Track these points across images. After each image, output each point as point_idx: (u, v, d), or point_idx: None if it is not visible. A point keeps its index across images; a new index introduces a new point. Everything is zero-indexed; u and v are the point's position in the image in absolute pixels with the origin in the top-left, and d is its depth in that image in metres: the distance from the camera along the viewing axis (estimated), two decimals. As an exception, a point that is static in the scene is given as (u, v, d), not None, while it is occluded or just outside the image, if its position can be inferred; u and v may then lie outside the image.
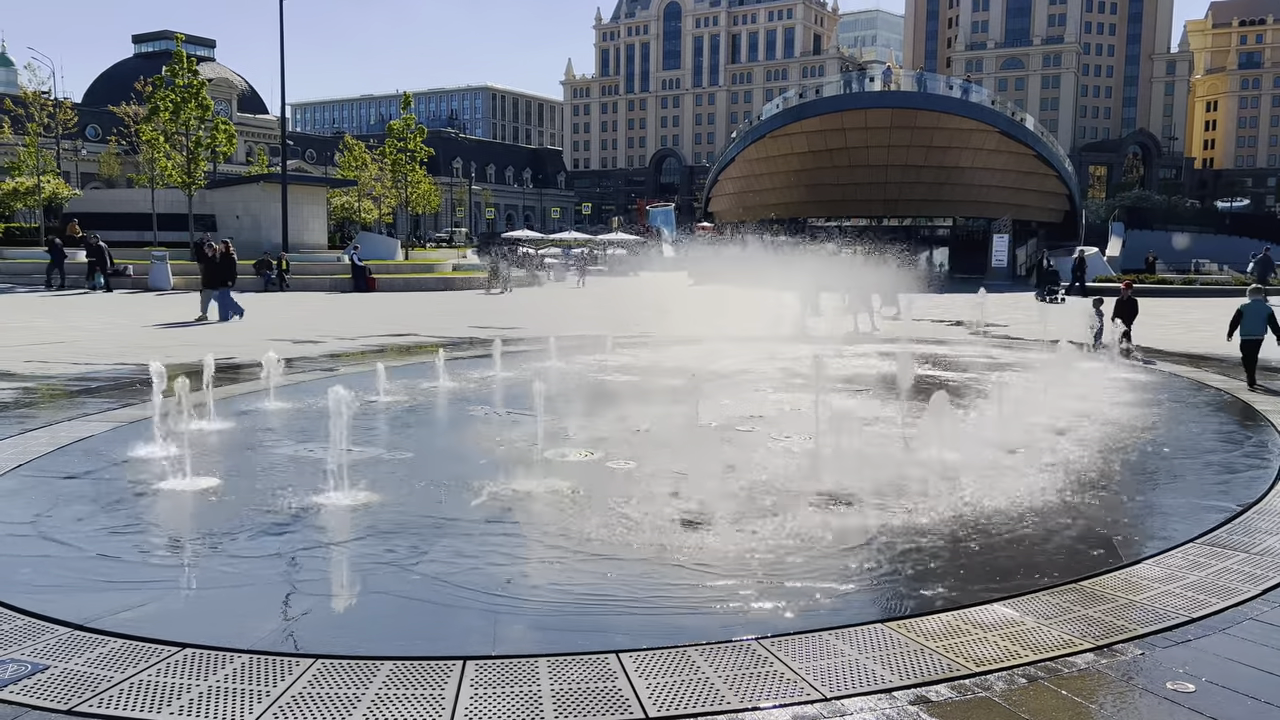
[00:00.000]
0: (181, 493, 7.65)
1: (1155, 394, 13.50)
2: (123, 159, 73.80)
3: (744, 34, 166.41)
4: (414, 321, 24.27)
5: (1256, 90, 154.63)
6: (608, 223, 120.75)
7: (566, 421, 10.38)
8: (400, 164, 64.58)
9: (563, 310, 30.37)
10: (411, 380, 13.98)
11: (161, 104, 43.20)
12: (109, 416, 10.67)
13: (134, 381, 13.28)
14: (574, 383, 14.07)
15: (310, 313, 26.94)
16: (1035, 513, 7.28)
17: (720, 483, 7.90)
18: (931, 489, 7.81)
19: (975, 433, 10.22)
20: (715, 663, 4.61)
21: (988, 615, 5.23)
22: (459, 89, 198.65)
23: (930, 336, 21.47)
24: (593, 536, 6.53)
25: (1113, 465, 9.05)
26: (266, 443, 9.64)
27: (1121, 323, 18.19)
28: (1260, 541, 6.52)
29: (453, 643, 4.95)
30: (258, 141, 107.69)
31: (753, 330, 19.64)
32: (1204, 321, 25.80)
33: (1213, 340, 20.23)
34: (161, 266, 35.29)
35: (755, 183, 58.05)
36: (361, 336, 20.13)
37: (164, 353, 16.55)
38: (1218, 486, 8.31)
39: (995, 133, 51.60)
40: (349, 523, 6.96)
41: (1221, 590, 5.57)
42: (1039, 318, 22.76)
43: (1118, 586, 5.68)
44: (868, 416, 11.05)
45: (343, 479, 7.46)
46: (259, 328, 21.76)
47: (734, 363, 15.92)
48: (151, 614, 5.26)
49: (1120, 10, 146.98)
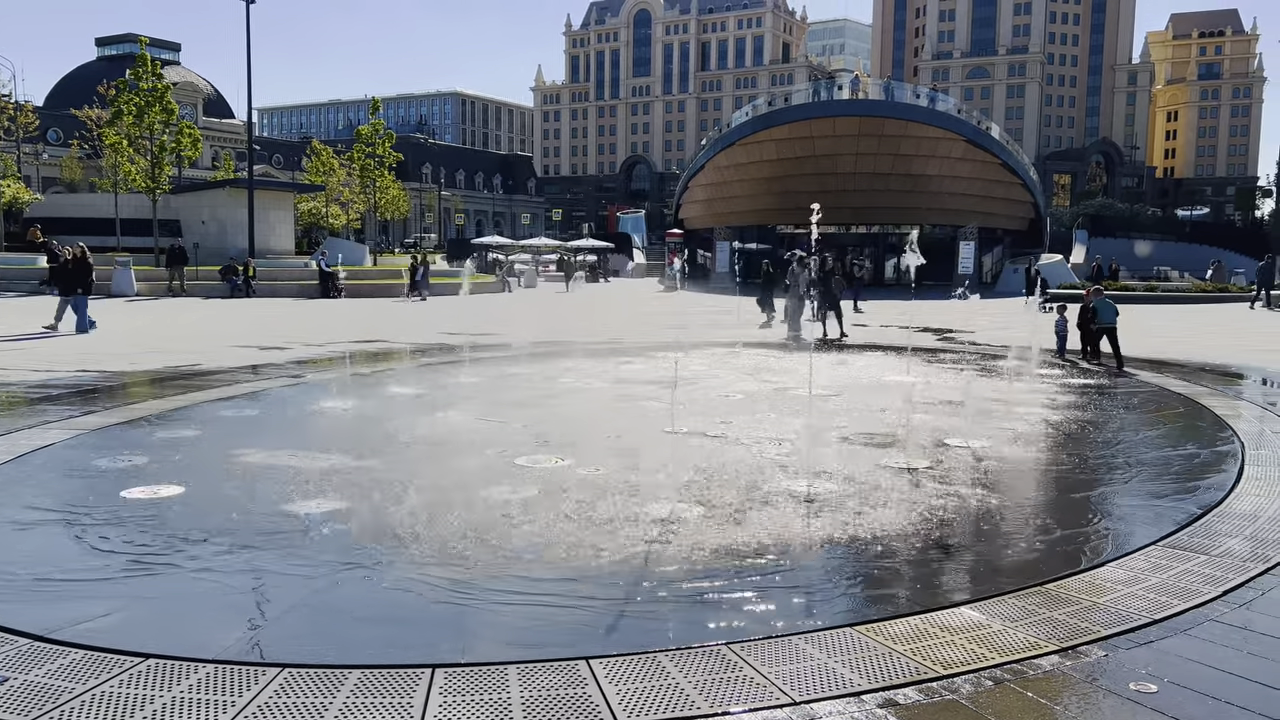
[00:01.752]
0: (145, 501, 7.54)
1: (1117, 399, 13.69)
2: (85, 163, 72.88)
3: (714, 42, 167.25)
4: (383, 328, 24.12)
5: (1216, 101, 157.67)
6: (578, 229, 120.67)
7: (535, 428, 10.36)
8: (368, 169, 64.27)
9: (535, 315, 30.32)
10: (381, 386, 13.90)
11: (125, 107, 42.72)
12: (69, 424, 10.50)
13: (96, 389, 13.08)
14: (542, 390, 14.04)
15: (277, 319, 26.69)
16: (1000, 515, 7.37)
17: (691, 489, 7.92)
18: (895, 492, 7.87)
19: (935, 436, 10.31)
20: (685, 668, 4.62)
21: (955, 618, 5.27)
22: (428, 94, 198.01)
23: (903, 342, 21.67)
24: (560, 541, 6.52)
25: (1075, 469, 9.17)
26: (233, 450, 9.53)
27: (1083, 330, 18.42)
28: (1220, 544, 6.63)
29: (421, 650, 4.91)
30: (224, 146, 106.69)
31: (719, 336, 19.72)
32: (1165, 328, 26.25)
33: (1174, 346, 20.59)
34: (125, 272, 34.87)
35: (725, 190, 58.26)
36: (329, 343, 19.98)
37: (128, 359, 16.35)
38: (1179, 490, 8.44)
39: (961, 141, 52.16)
40: (315, 530, 6.90)
41: (1183, 592, 5.66)
42: (1003, 324, 23.04)
43: (1082, 589, 5.75)
44: (830, 420, 11.13)
45: (308, 486, 7.39)
46: (226, 334, 21.54)
47: (698, 370, 15.95)
48: (114, 624, 5.19)
49: (1083, 21, 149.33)
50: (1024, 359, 16.78)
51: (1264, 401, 13.51)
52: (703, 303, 37.56)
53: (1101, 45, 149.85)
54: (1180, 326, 26.98)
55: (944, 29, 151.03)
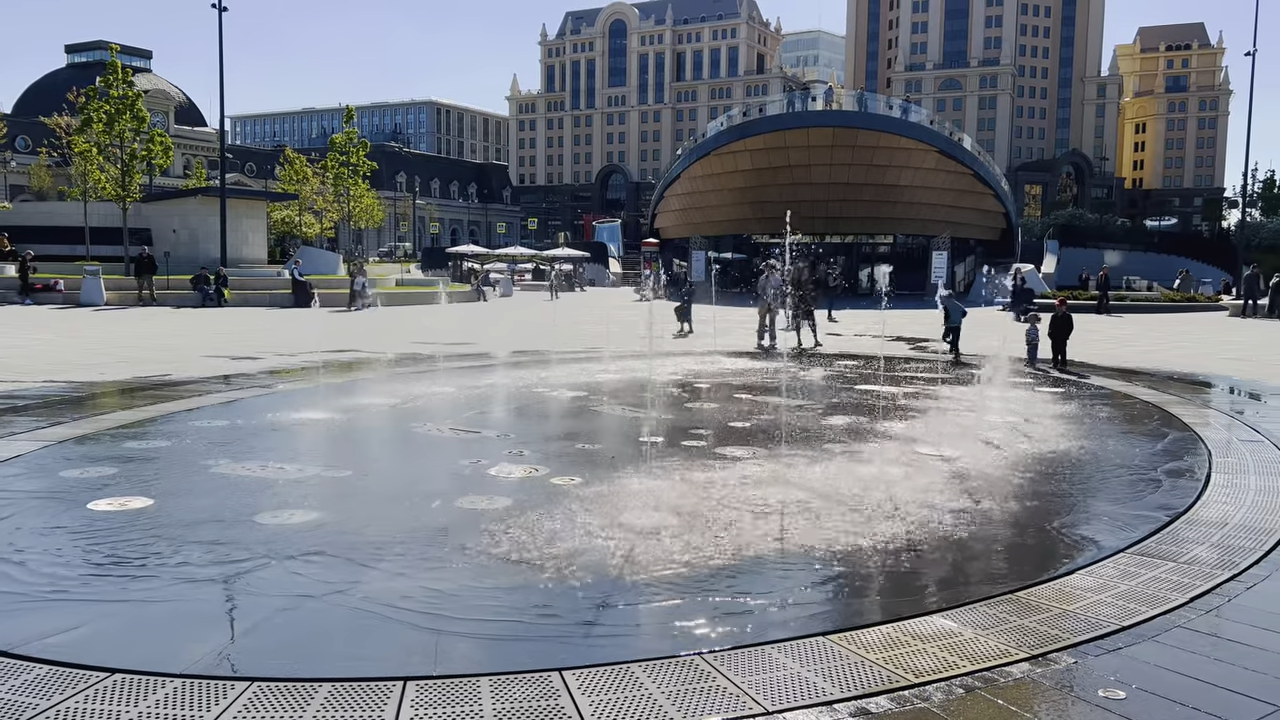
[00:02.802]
0: (113, 513, 7.45)
1: (1087, 407, 13.83)
2: (54, 171, 72.04)
3: (689, 52, 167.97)
4: (356, 337, 23.97)
5: (1183, 113, 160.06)
6: (554, 238, 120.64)
7: (509, 436, 10.32)
8: (342, 178, 63.92)
9: (509, 324, 30.22)
10: (352, 397, 13.82)
11: (95, 115, 42.25)
12: (36, 435, 10.36)
13: (62, 400, 12.91)
14: (512, 398, 14.01)
15: (249, 328, 26.47)
16: (970, 522, 7.42)
17: (667, 497, 7.92)
18: (869, 500, 7.90)
19: (908, 448, 10.38)
20: (659, 679, 4.61)
21: (927, 626, 5.30)
22: (403, 103, 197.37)
23: (874, 351, 21.79)
24: (534, 550, 6.49)
25: (1045, 476, 9.25)
26: (203, 461, 9.43)
27: (1055, 339, 18.63)
28: (1188, 550, 6.71)
29: (393, 663, 4.88)
30: (196, 154, 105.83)
31: (693, 345, 19.76)
32: (1135, 336, 26.56)
33: (1143, 355, 20.84)
34: (94, 281, 34.44)
35: (700, 199, 58.48)
36: (302, 352, 19.82)
37: (97, 369, 16.15)
38: (1147, 497, 8.53)
39: (934, 152, 52.63)
40: (286, 541, 6.83)
41: (1151, 599, 5.72)
42: (974, 333, 23.21)
43: (1052, 596, 5.80)
44: (811, 424, 11.17)
45: (279, 497, 7.33)
46: (196, 344, 21.34)
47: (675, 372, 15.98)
48: (80, 638, 5.11)
49: (1053, 34, 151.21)
50: (995, 368, 16.92)
51: (1231, 410, 13.70)
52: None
53: (1071, 58, 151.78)
54: (1150, 336, 27.32)
55: (916, 40, 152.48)
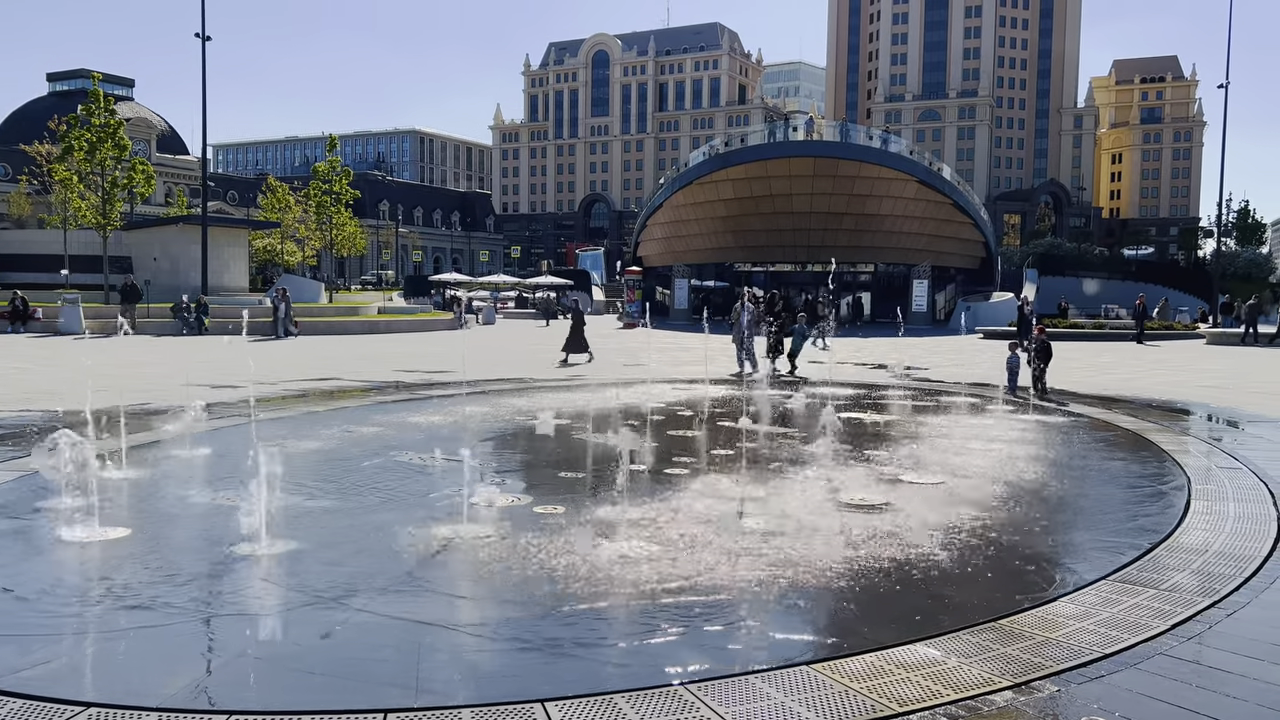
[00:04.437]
0: (90, 544, 7.36)
1: (1068, 435, 13.91)
2: (34, 199, 71.67)
3: (671, 83, 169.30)
4: (337, 365, 23.86)
5: (1158, 144, 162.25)
6: (537, 266, 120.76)
7: (491, 465, 10.28)
8: (325, 206, 63.91)
9: (492, 352, 30.17)
10: (333, 426, 13.74)
11: (76, 143, 42.20)
12: (12, 465, 10.24)
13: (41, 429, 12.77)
14: (493, 426, 13.97)
15: (229, 357, 26.31)
16: (951, 550, 7.42)
17: (648, 527, 7.90)
18: (853, 525, 7.90)
19: (889, 472, 10.41)
20: (642, 710, 4.58)
21: (910, 655, 5.29)
22: (386, 132, 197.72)
23: (858, 378, 21.87)
24: (517, 578, 6.45)
25: (1025, 504, 9.27)
26: (181, 491, 9.34)
27: (1035, 366, 18.74)
28: (1168, 578, 6.74)
29: (373, 695, 4.82)
30: (178, 182, 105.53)
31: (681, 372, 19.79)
32: (1113, 365, 26.78)
33: (1122, 383, 21.01)
34: (73, 310, 34.20)
35: (683, 228, 58.75)
36: (282, 381, 19.71)
37: (73, 398, 15.99)
38: (1128, 524, 8.57)
39: (914, 182, 53.13)
40: (265, 573, 6.76)
41: (1133, 626, 5.74)
42: (956, 360, 23.38)
43: (1035, 624, 5.80)
44: (793, 454, 11.18)
45: (258, 527, 7.26)
46: (176, 373, 21.19)
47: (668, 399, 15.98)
48: (55, 671, 5.03)
49: (1030, 66, 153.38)
50: (976, 395, 17.03)
51: (1209, 437, 13.82)
52: (662, 339, 37.66)
53: (1048, 89, 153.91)
54: (1128, 363, 27.55)
55: (896, 72, 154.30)
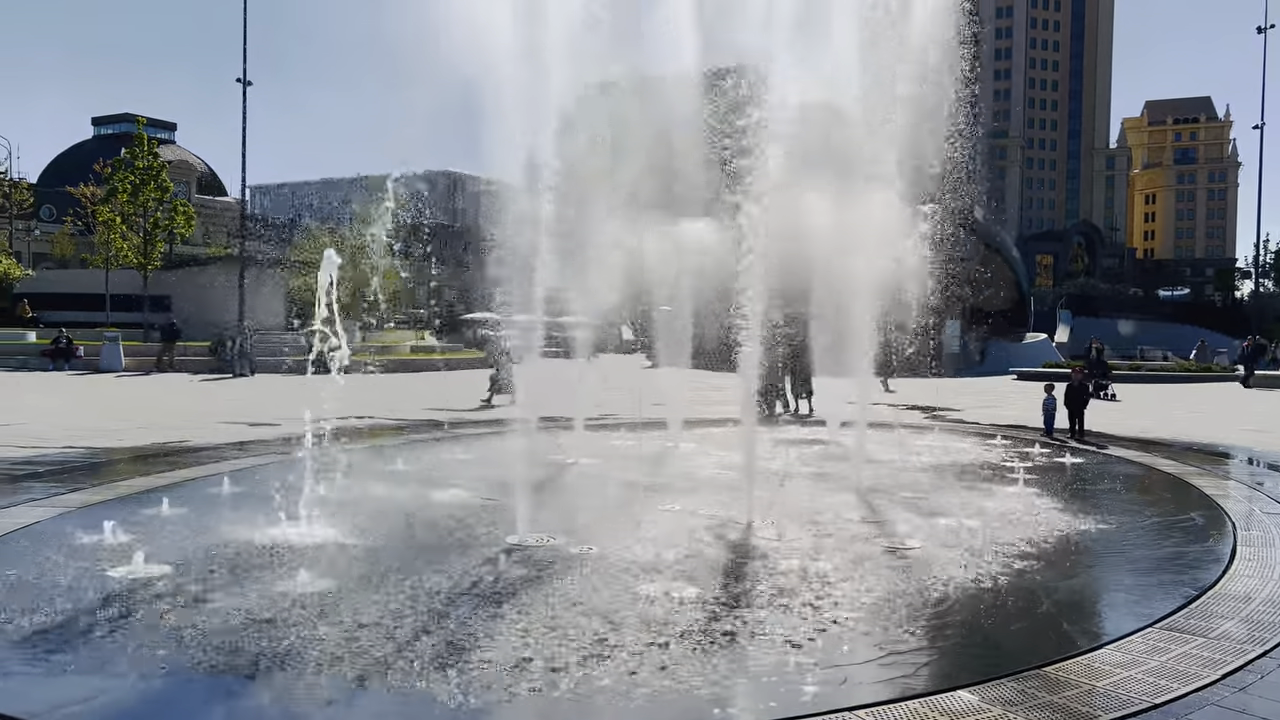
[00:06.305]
0: (131, 580, 7.43)
1: (1108, 479, 13.71)
2: (77, 239, 73.21)
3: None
4: (371, 404, 24.04)
5: (1192, 185, 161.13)
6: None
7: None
8: (362, 249, 64.76)
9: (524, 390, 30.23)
10: (370, 463, 13.83)
11: (120, 185, 43.17)
12: (57, 501, 10.39)
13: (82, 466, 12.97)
14: (528, 467, 13.99)
15: (267, 394, 26.62)
16: (994, 596, 7.32)
17: (678, 565, 7.88)
18: (885, 566, 7.82)
19: (930, 518, 10.30)
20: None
21: (953, 702, 5.21)
22: (422, 173, 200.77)
23: (890, 419, 21.71)
24: (546, 619, 6.45)
25: (1068, 549, 9.13)
26: (220, 528, 9.43)
27: (1071, 409, 18.53)
28: (1217, 625, 6.60)
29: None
30: (216, 224, 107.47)
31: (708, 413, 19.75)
32: (1150, 408, 26.40)
33: (1161, 425, 20.70)
34: (113, 348, 34.80)
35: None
36: (319, 419, 19.86)
37: (116, 435, 16.24)
38: (1174, 571, 8.42)
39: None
40: (308, 613, 6.78)
41: (1182, 675, 5.62)
42: (988, 402, 23.17)
43: (1080, 672, 5.70)
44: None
45: (299, 565, 7.31)
46: (215, 411, 21.46)
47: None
48: (97, 708, 5.08)
49: (1060, 107, 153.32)
50: (1011, 438, 16.85)
51: (1251, 481, 13.56)
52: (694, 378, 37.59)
53: (1080, 130, 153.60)
54: (1166, 405, 27.15)
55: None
